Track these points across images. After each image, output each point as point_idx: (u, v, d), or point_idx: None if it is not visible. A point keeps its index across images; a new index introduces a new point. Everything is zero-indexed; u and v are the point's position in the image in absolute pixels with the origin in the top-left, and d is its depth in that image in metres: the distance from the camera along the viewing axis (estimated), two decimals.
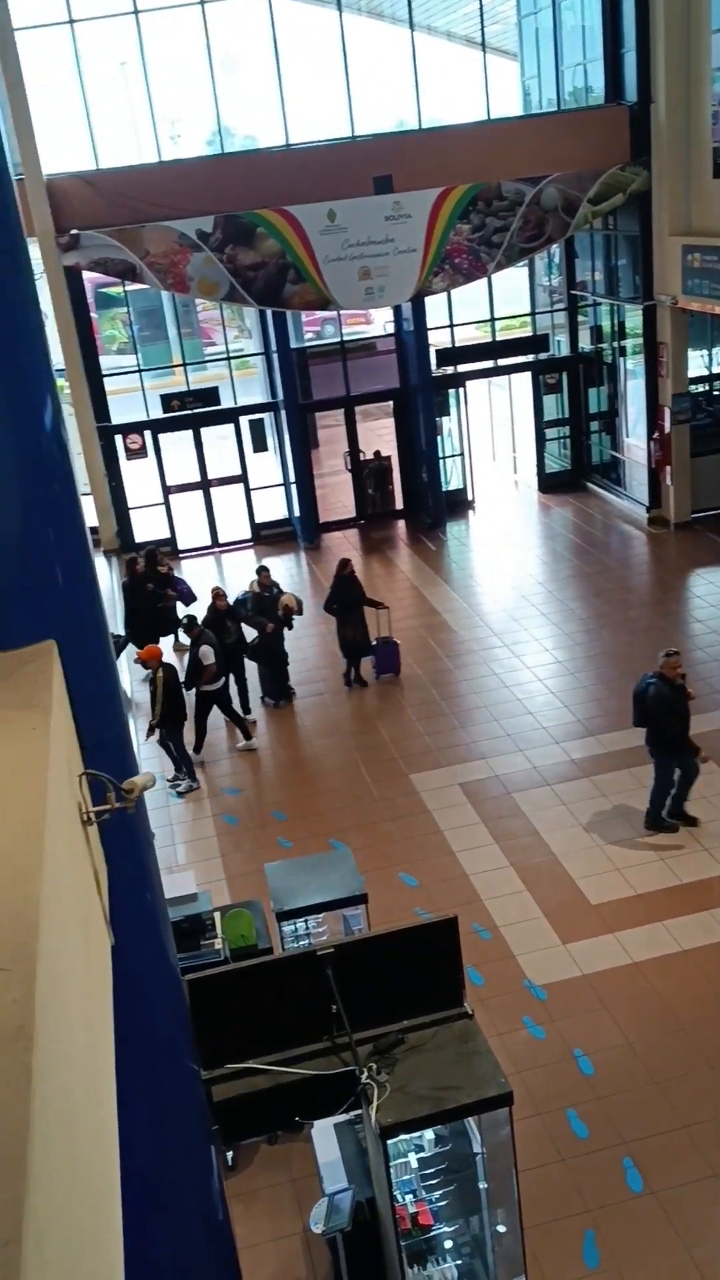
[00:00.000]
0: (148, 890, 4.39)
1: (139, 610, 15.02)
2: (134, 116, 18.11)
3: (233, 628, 13.49)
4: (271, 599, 13.87)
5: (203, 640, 12.47)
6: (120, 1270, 2.27)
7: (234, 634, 13.47)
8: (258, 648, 13.75)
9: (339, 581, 14.14)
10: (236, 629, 13.56)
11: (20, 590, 3.39)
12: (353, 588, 14.16)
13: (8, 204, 3.11)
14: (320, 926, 7.87)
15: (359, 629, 14.06)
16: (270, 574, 14.23)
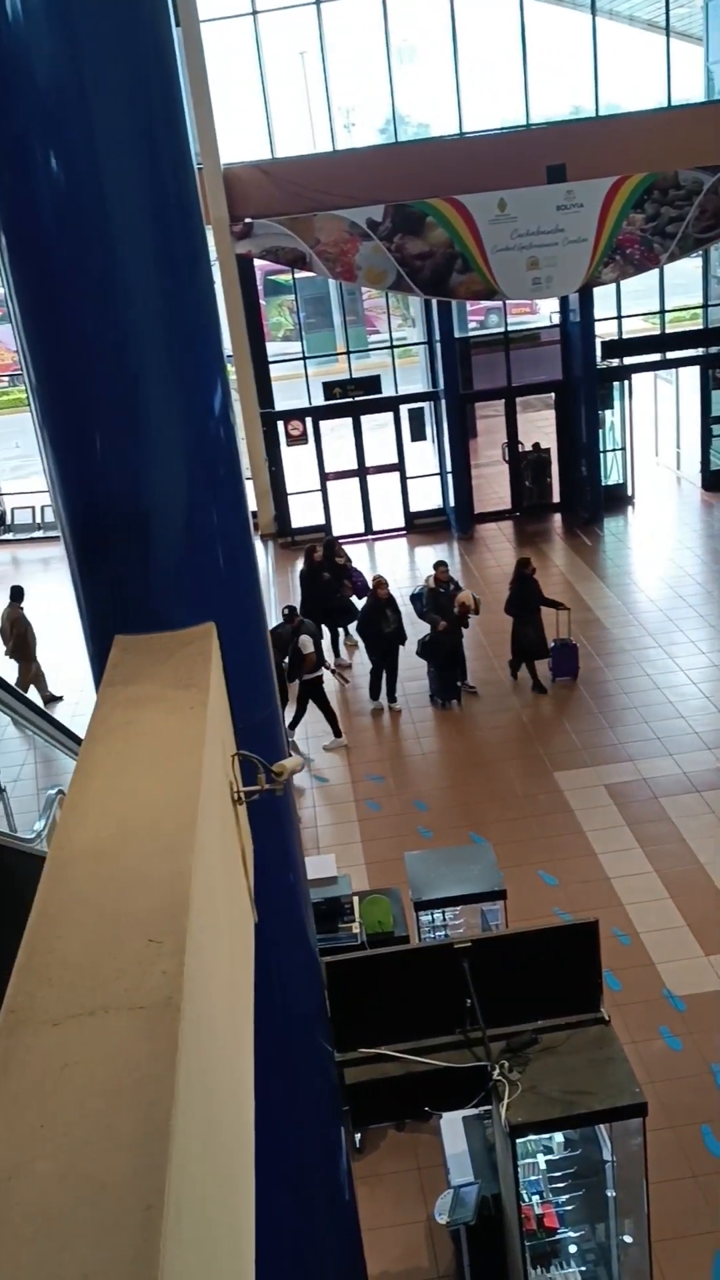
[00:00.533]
0: (291, 871, 4.46)
1: (314, 600, 14.85)
2: (310, 106, 18.29)
3: (392, 617, 13.28)
4: (448, 595, 13.47)
5: (302, 630, 12.53)
6: (251, 1240, 2.32)
7: (393, 624, 13.27)
8: (427, 645, 13.36)
9: (520, 581, 13.62)
10: (396, 619, 13.32)
11: (184, 571, 3.49)
12: (534, 588, 13.68)
13: (189, 193, 3.18)
14: (457, 919, 7.85)
15: (538, 630, 13.58)
16: (448, 569, 13.83)
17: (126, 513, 3.33)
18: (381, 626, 13.06)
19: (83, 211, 2.94)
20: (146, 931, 1.99)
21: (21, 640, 14.43)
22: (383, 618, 13.17)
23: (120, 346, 3.11)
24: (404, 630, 13.45)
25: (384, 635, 13.11)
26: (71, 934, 2.02)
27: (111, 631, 3.38)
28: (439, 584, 13.56)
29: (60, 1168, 1.51)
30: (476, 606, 13.49)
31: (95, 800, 2.49)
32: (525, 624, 13.54)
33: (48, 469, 3.50)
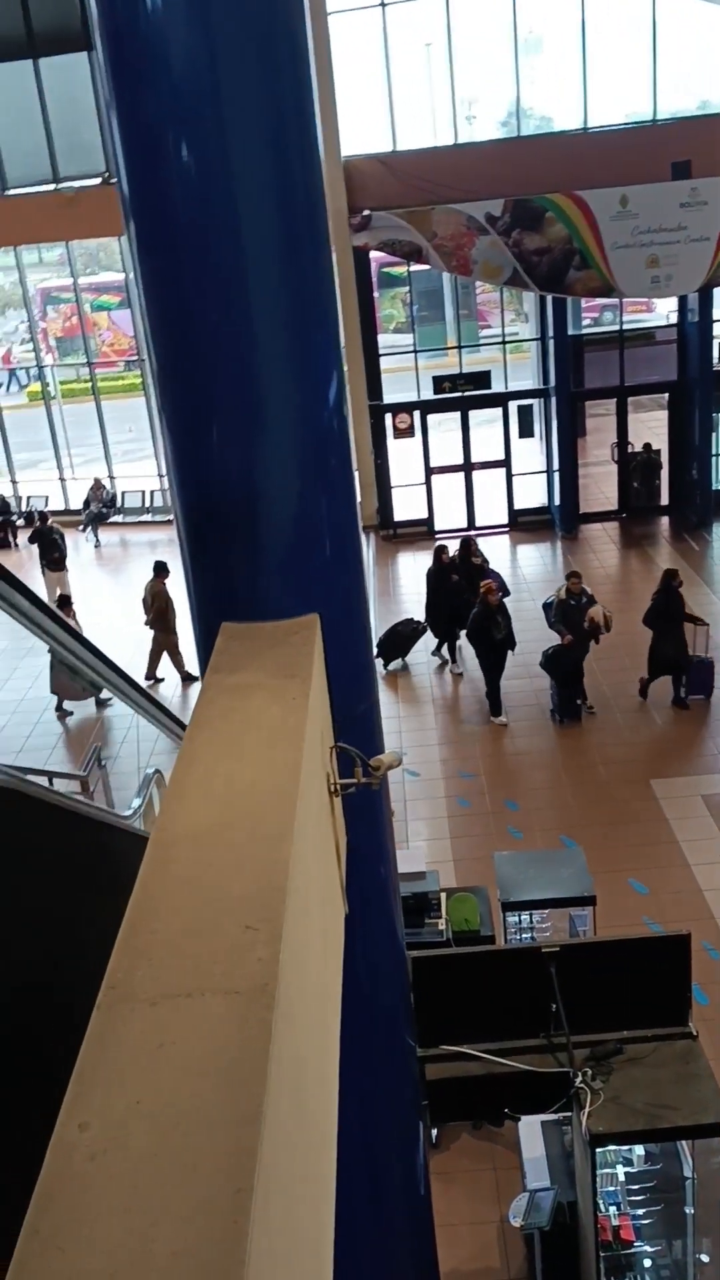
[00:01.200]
0: (383, 864, 4.47)
1: (440, 601, 14.52)
2: (433, 98, 18.24)
3: (503, 623, 12.93)
4: (578, 608, 12.91)
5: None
6: (331, 1227, 2.34)
7: (503, 630, 12.94)
8: (551, 658, 12.87)
9: (665, 593, 12.94)
10: (506, 625, 12.97)
11: (291, 561, 3.51)
12: (679, 601, 13.01)
13: (315, 185, 3.20)
14: (544, 922, 7.79)
15: (679, 645, 12.89)
16: (581, 581, 13.31)
17: (238, 500, 3.37)
18: (492, 633, 12.78)
19: (211, 200, 2.98)
20: (244, 918, 2.01)
21: (161, 614, 14.74)
22: (493, 624, 12.88)
23: (242, 335, 3.15)
24: (514, 637, 13.09)
25: (495, 642, 12.80)
26: (171, 915, 2.05)
27: (219, 618, 3.42)
28: (571, 595, 13.02)
29: (153, 1145, 1.54)
30: (608, 624, 12.93)
31: (198, 785, 2.53)
32: (665, 638, 12.81)
33: (165, 453, 3.56)
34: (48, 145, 19.84)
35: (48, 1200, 1.48)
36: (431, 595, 14.70)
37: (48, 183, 20.00)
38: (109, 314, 25.05)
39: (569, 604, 12.97)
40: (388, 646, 14.49)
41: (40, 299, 24.26)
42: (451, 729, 13.08)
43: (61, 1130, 1.59)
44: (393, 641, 14.60)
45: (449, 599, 14.42)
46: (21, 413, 24.29)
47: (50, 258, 25.09)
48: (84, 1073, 1.69)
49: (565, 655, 12.77)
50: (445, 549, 15.08)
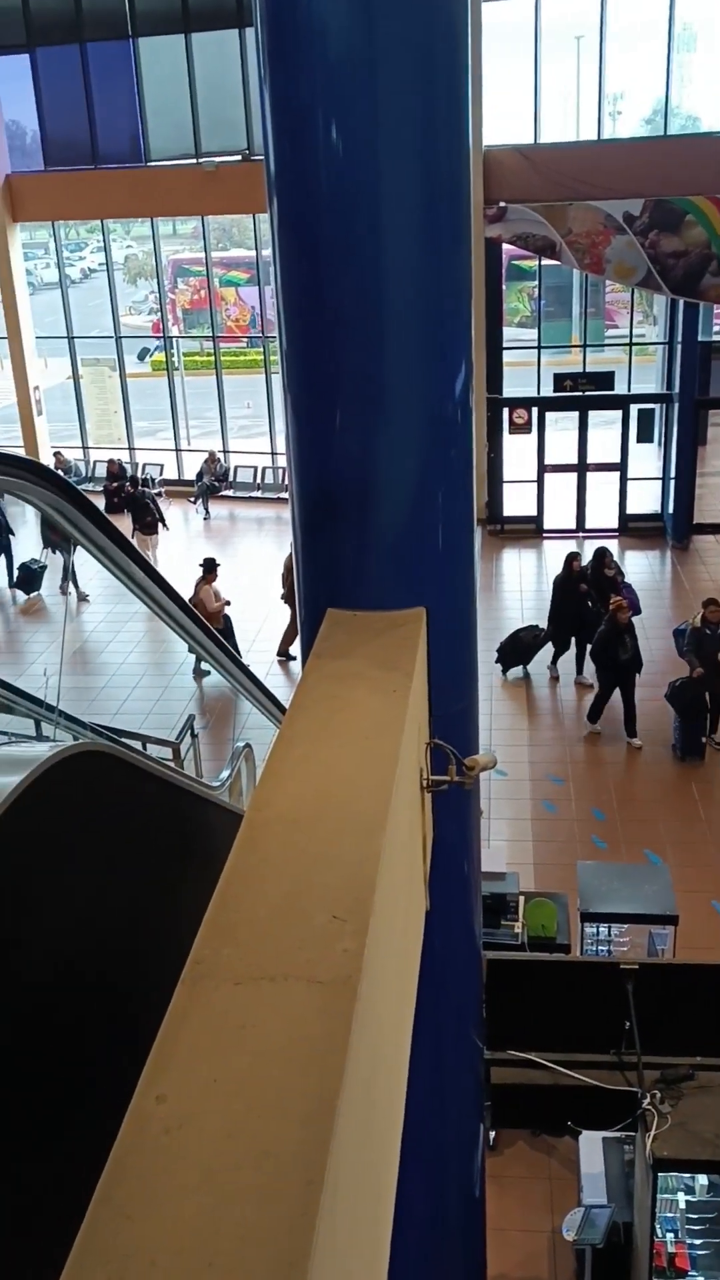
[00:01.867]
0: (467, 862, 4.44)
1: (566, 611, 13.93)
2: (579, 91, 17.95)
3: (629, 643, 12.38)
4: (714, 639, 12.13)
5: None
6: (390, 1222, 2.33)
7: (629, 650, 12.37)
8: (676, 689, 12.11)
9: None
10: (633, 646, 12.41)
11: (402, 552, 3.49)
12: None
13: (461, 175, 3.16)
14: (623, 937, 7.67)
15: None
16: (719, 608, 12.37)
17: (355, 486, 3.36)
18: (618, 653, 12.28)
19: (356, 183, 2.96)
20: (332, 907, 2.01)
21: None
22: (620, 644, 12.35)
23: (375, 319, 3.13)
24: (640, 658, 12.54)
25: (620, 663, 12.33)
26: (260, 898, 2.06)
27: (325, 604, 3.42)
28: (707, 624, 12.17)
29: (229, 1126, 1.55)
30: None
31: (295, 769, 2.53)
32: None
33: (286, 433, 3.56)
34: (192, 120, 20.08)
35: (121, 1168, 1.50)
36: (557, 604, 14.11)
37: (189, 157, 20.23)
38: (237, 289, 25.28)
39: (704, 633, 12.14)
40: (508, 652, 14.07)
41: (171, 270, 24.60)
42: (543, 731, 12.94)
43: (139, 1100, 1.60)
44: (514, 648, 14.13)
45: (575, 609, 13.82)
46: (144, 381, 24.70)
47: (184, 230, 25.43)
48: (165, 1046, 1.70)
49: (692, 687, 12.02)
50: (577, 557, 14.34)
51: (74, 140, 20.87)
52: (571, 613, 13.86)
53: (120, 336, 22.82)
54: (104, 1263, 1.36)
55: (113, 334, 22.74)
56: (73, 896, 3.08)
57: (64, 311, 22.56)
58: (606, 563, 14.62)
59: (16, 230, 21.67)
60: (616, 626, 12.41)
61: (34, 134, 21.47)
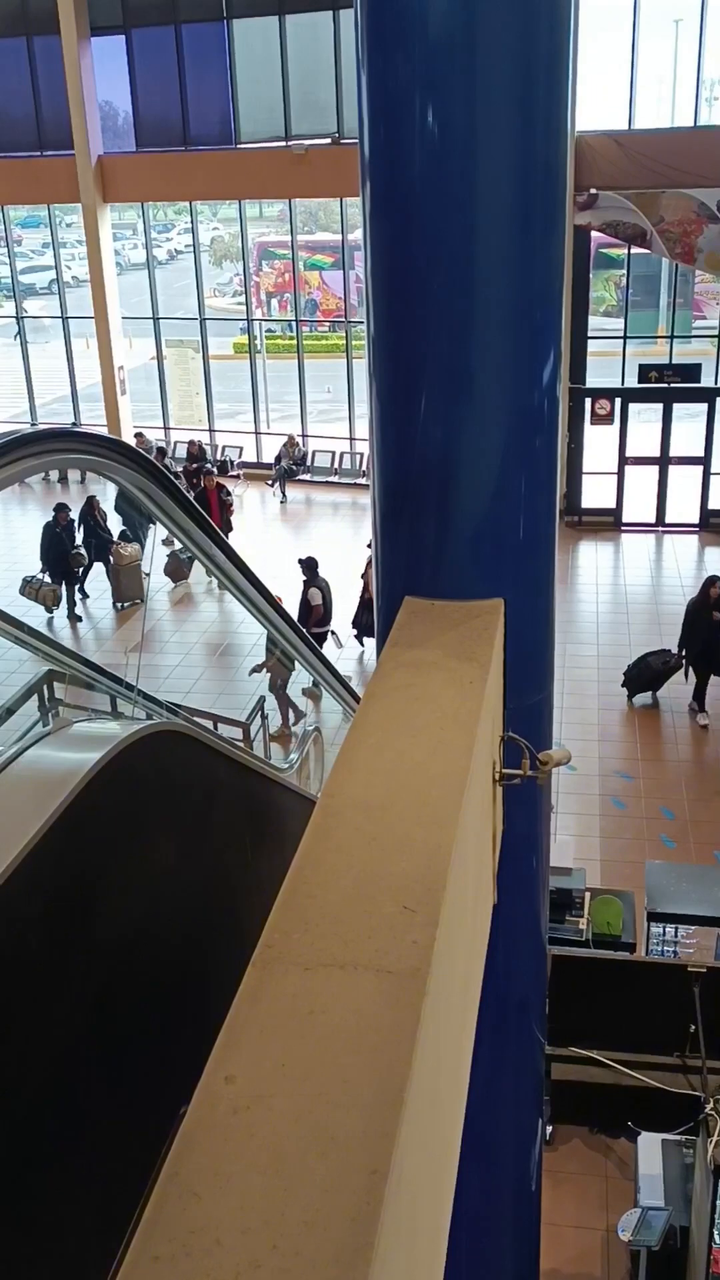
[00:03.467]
0: (535, 856, 4.40)
1: (696, 638, 13.11)
2: (676, 76, 17.61)
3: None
4: None
5: (314, 584, 13.12)
6: (449, 1212, 2.33)
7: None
8: None
9: None
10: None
11: (482, 542, 3.46)
12: None
13: (558, 161, 3.11)
14: (690, 938, 7.56)
15: None
16: None
17: (437, 473, 3.34)
18: None
19: (451, 168, 2.93)
20: (403, 897, 2.00)
21: None
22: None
23: (464, 306, 3.10)
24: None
25: None
26: (332, 884, 2.06)
27: (403, 592, 3.40)
28: None
29: (296, 1109, 1.55)
30: None
31: (368, 757, 2.53)
32: None
33: (370, 418, 3.55)
34: (283, 102, 20.09)
35: (190, 1146, 1.51)
36: (688, 629, 13.25)
37: (279, 139, 20.26)
38: (321, 273, 25.29)
39: None
40: (634, 679, 13.33)
41: (257, 253, 24.68)
42: (614, 727, 12.80)
43: (209, 1079, 1.62)
44: (641, 674, 13.32)
45: (706, 637, 12.99)
46: (226, 363, 24.86)
47: (270, 213, 25.50)
48: (235, 1026, 1.72)
49: None
50: (717, 581, 13.21)
51: (166, 122, 21.02)
52: (702, 639, 12.98)
53: (205, 318, 22.98)
54: (169, 1238, 1.37)
55: (197, 315, 22.90)
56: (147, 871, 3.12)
57: (150, 292, 22.78)
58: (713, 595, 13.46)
59: (107, 211, 21.91)
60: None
61: (126, 115, 21.66)
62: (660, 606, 16.17)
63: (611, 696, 13.46)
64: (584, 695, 13.53)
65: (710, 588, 13.06)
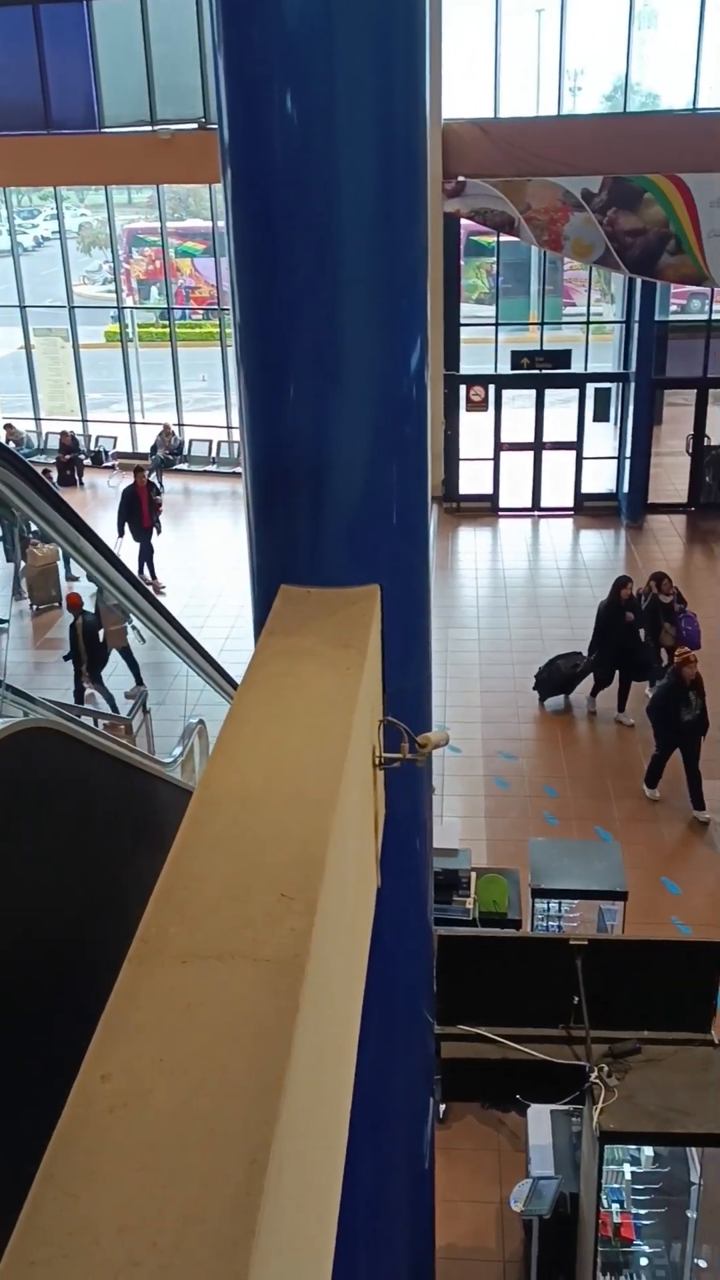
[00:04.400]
0: (418, 838, 4.45)
1: (607, 642, 12.50)
2: (539, 66, 17.87)
3: (696, 701, 10.62)
4: None
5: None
6: (337, 1198, 2.34)
7: (695, 710, 10.60)
8: None
9: None
10: (700, 704, 10.64)
11: (357, 528, 3.47)
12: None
13: (418, 148, 3.13)
14: (573, 913, 7.75)
15: None
16: None
17: (309, 461, 3.34)
18: (681, 712, 10.57)
19: (311, 153, 2.92)
20: (280, 885, 2.00)
21: None
22: (683, 701, 10.59)
23: (329, 293, 3.10)
24: (707, 719, 10.79)
25: (682, 723, 10.61)
26: (208, 876, 2.05)
27: (278, 580, 3.39)
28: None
29: (175, 1104, 1.54)
30: None
31: (245, 746, 2.52)
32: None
33: (239, 407, 3.52)
34: (148, 85, 19.75)
35: (65, 1146, 1.48)
36: (599, 634, 12.60)
37: (144, 124, 19.92)
38: (192, 260, 24.98)
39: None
40: (545, 681, 12.92)
41: (126, 240, 24.25)
42: (496, 708, 13.01)
43: (84, 1078, 1.59)
44: (551, 677, 12.92)
45: (620, 641, 12.41)
46: (98, 352, 24.37)
47: (139, 199, 25.05)
48: (110, 1024, 1.69)
49: None
50: (628, 582, 12.71)
51: (26, 104, 20.45)
52: (615, 644, 12.46)
53: (74, 306, 22.49)
54: (47, 1241, 1.35)
55: (66, 304, 22.40)
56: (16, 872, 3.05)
57: (15, 280, 22.18)
58: (664, 588, 12.91)
59: None
60: (680, 683, 10.62)
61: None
62: (538, 590, 16.49)
63: (493, 679, 13.67)
64: (466, 678, 13.71)
65: (620, 589, 12.55)
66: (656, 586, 12.88)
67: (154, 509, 16.59)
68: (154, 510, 16.58)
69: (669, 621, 12.53)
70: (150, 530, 16.44)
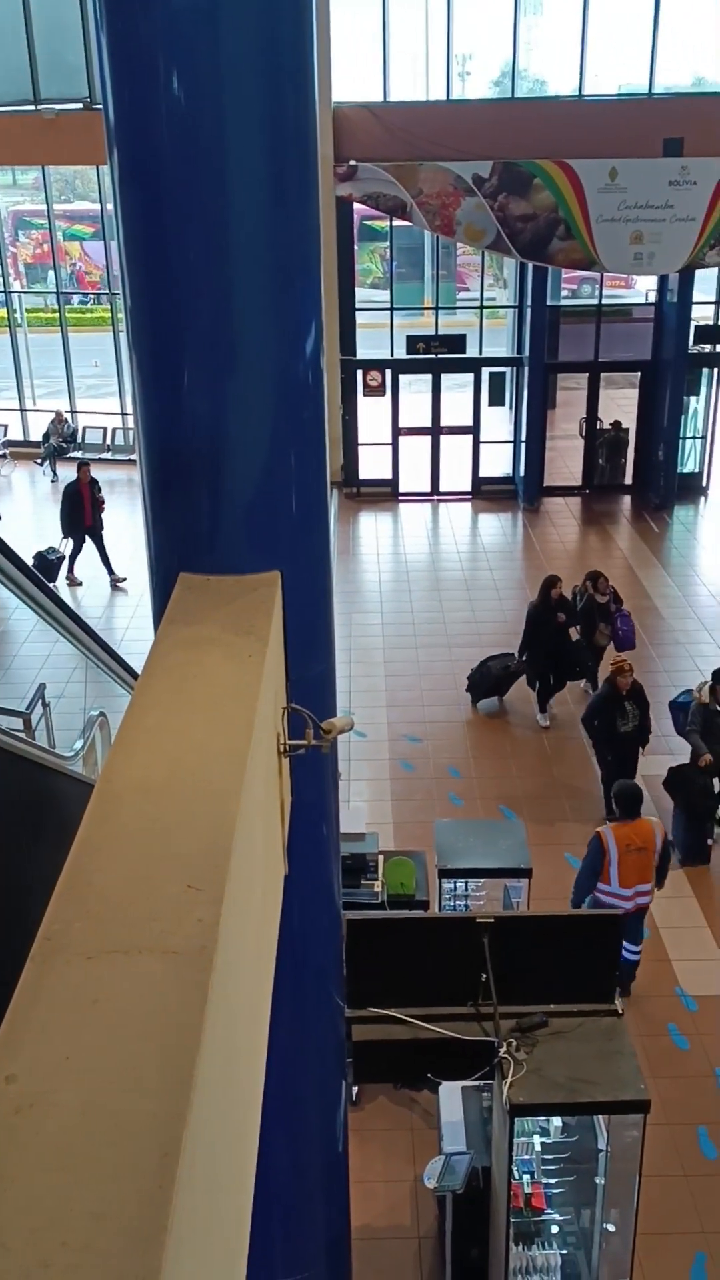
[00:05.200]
0: (325, 824, 4.46)
1: (539, 644, 12.02)
2: (428, 51, 17.92)
3: (633, 711, 10.00)
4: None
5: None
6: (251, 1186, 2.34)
7: (633, 721, 9.99)
8: (675, 776, 9.84)
9: None
10: (639, 714, 10.04)
11: (255, 514, 3.45)
12: None
13: (308, 129, 3.11)
14: (480, 891, 7.86)
15: None
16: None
17: (204, 448, 3.30)
18: (616, 723, 9.96)
19: (199, 134, 2.87)
20: (186, 876, 1.98)
21: None
22: (618, 712, 9.98)
23: (220, 276, 3.06)
24: (648, 729, 10.20)
25: (618, 735, 10.00)
26: (112, 869, 2.02)
27: (177, 569, 3.35)
28: (717, 699, 9.98)
29: (82, 1102, 1.52)
30: None
31: (147, 737, 2.49)
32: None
33: (132, 393, 3.47)
34: (30, 65, 19.26)
35: None
36: (529, 636, 12.11)
37: (28, 103, 19.42)
38: (81, 244, 24.50)
39: (715, 710, 9.99)
40: (477, 683, 12.52)
41: (11, 222, 23.65)
42: (401, 692, 13.09)
43: None
44: (483, 679, 12.48)
45: (551, 643, 11.94)
46: None
47: (25, 180, 24.43)
48: (14, 1024, 1.66)
49: (696, 778, 9.82)
50: (557, 582, 12.11)
51: None
52: (547, 647, 11.96)
53: None
54: None
55: None
56: None
57: None
58: (600, 587, 12.40)
59: None
60: (615, 693, 9.98)
61: None
62: (439, 573, 16.63)
63: (396, 663, 13.75)
64: (370, 663, 13.77)
65: (551, 589, 12.04)
66: (593, 585, 12.41)
67: (97, 507, 15.98)
68: (97, 509, 15.96)
69: (604, 622, 12.18)
70: (91, 529, 15.86)
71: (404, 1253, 6.47)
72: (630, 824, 7.91)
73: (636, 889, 7.87)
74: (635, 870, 7.84)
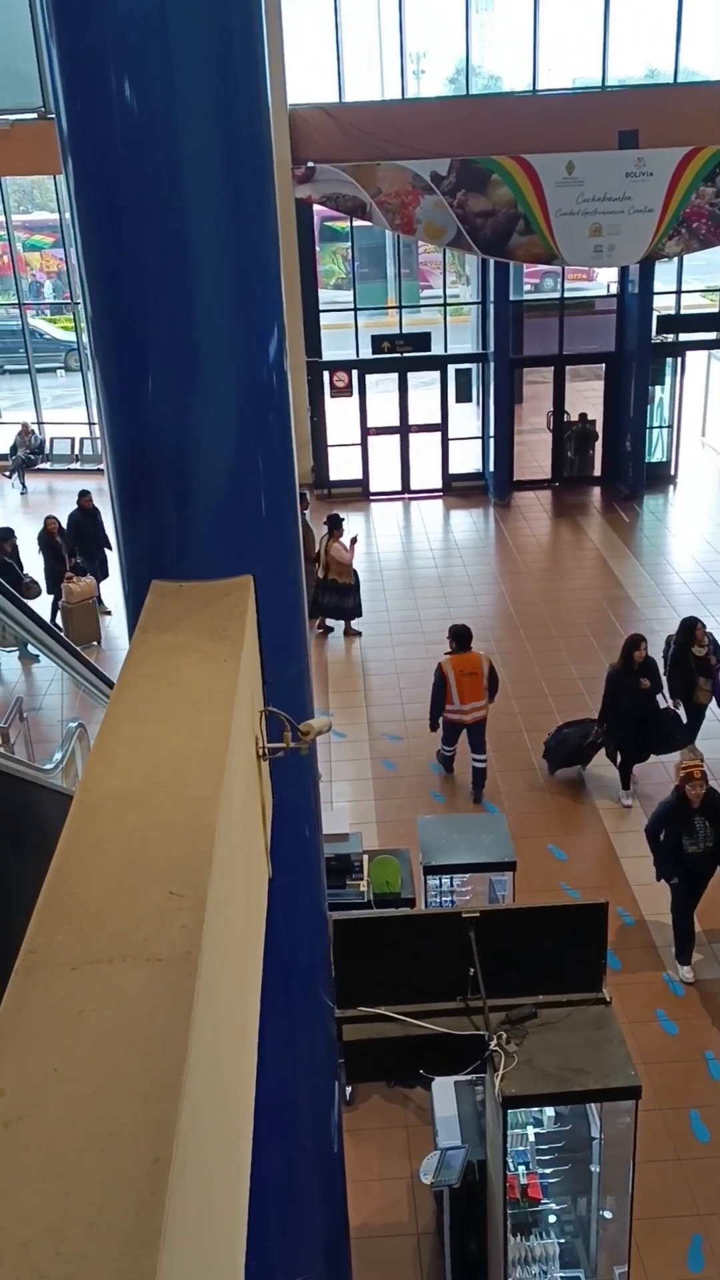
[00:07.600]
0: (308, 825, 4.47)
1: (622, 710, 10.36)
2: (382, 50, 17.94)
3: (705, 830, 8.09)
4: None
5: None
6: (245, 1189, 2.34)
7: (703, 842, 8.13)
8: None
9: None
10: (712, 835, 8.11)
11: (225, 519, 3.45)
12: None
13: (261, 132, 3.11)
14: (465, 886, 7.88)
15: None
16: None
17: (171, 454, 3.30)
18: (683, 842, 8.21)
19: (153, 140, 2.88)
20: (168, 883, 1.98)
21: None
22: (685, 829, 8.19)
23: (180, 282, 3.06)
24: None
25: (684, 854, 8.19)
26: (94, 879, 2.02)
27: (149, 576, 3.35)
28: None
29: (71, 1113, 1.52)
30: None
31: (124, 746, 2.48)
32: None
33: (98, 401, 3.47)
34: None
35: None
36: (609, 702, 10.46)
37: None
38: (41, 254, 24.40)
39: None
40: (554, 751, 11.09)
41: None
42: (379, 691, 13.11)
43: None
44: (560, 745, 11.06)
45: (634, 710, 10.26)
46: None
47: None
48: (1, 1038, 1.66)
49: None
50: (641, 642, 10.48)
51: None
52: (629, 714, 10.30)
53: None
54: None
55: None
56: None
57: None
58: (699, 638, 10.62)
59: None
60: (684, 803, 8.07)
61: None
62: (413, 571, 16.65)
63: (373, 662, 13.76)
64: (348, 663, 13.78)
65: (633, 651, 10.43)
66: (687, 638, 10.68)
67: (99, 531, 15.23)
68: (99, 532, 15.20)
69: (704, 676, 10.55)
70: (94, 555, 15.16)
71: (403, 1249, 6.48)
72: (463, 655, 10.70)
73: (473, 705, 10.70)
74: (470, 691, 10.62)
